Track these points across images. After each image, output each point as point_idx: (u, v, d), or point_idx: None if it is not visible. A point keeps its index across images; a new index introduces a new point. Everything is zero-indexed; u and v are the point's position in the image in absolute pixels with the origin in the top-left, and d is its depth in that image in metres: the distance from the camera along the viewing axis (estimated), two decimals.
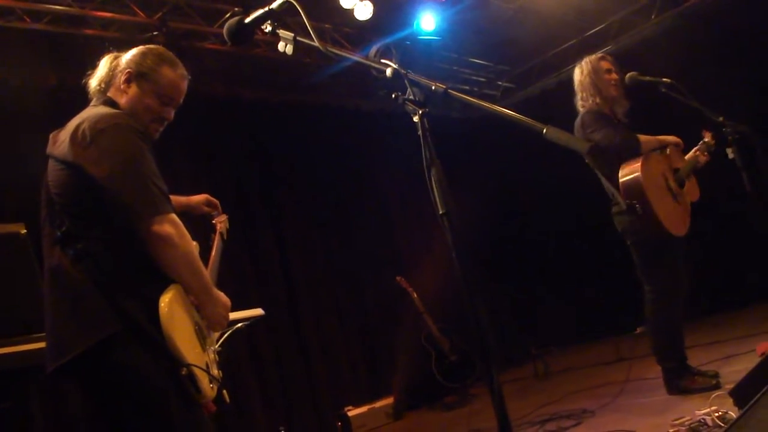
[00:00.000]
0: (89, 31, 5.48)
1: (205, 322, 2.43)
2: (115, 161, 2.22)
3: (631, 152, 4.29)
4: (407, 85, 1.91)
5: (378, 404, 6.74)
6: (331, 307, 7.40)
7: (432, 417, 6.89)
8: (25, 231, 3.71)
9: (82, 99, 2.54)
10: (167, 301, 2.17)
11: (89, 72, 2.60)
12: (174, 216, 2.26)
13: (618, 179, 4.25)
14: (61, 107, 2.43)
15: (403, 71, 1.91)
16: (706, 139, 4.49)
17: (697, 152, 4.61)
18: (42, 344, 3.40)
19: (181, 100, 2.59)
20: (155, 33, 5.64)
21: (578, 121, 4.50)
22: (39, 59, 5.49)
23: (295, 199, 7.49)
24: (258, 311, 4.34)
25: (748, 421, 2.08)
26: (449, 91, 1.85)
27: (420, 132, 1.87)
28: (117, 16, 5.57)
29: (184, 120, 2.66)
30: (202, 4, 6.10)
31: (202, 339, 2.36)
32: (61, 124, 2.41)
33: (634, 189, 4.16)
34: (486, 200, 8.40)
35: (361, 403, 6.75)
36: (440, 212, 1.84)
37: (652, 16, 7.80)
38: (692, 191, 4.59)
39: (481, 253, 8.62)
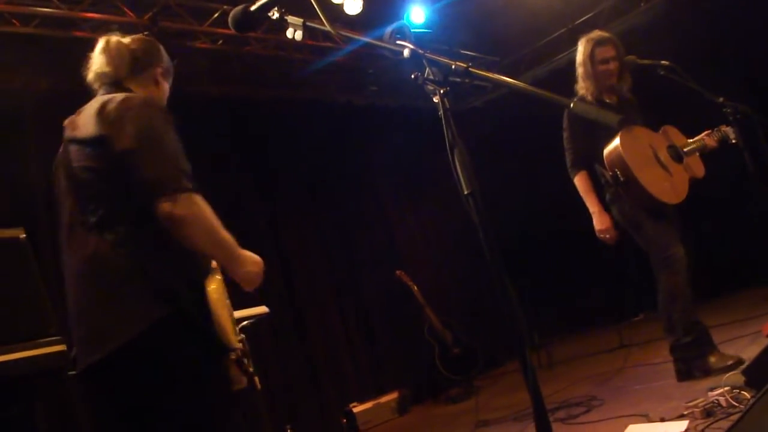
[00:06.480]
0: (79, 33, 5.40)
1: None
2: (141, 135, 2.13)
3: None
4: (425, 64, 1.88)
5: (383, 399, 6.71)
6: (332, 304, 7.35)
7: (437, 410, 6.87)
8: (25, 235, 3.64)
9: (73, 102, 2.42)
10: (215, 287, 2.16)
11: (89, 55, 2.46)
12: (195, 195, 2.18)
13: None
14: (53, 111, 2.36)
15: (421, 51, 1.88)
16: (723, 128, 4.41)
17: (708, 135, 4.47)
18: (46, 350, 3.36)
19: None
20: (146, 33, 5.56)
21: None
22: (30, 63, 5.41)
23: (290, 196, 7.44)
24: (263, 309, 4.31)
25: None
26: (470, 69, 1.82)
27: (441, 112, 1.83)
28: (106, 17, 5.48)
29: (174, 120, 2.64)
30: (192, 3, 6.02)
31: (235, 326, 2.35)
32: (53, 128, 2.33)
33: (615, 158, 4.19)
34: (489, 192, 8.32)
35: (365, 399, 6.72)
36: (465, 192, 1.80)
37: (641, 3, 7.79)
38: (696, 167, 4.46)
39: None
